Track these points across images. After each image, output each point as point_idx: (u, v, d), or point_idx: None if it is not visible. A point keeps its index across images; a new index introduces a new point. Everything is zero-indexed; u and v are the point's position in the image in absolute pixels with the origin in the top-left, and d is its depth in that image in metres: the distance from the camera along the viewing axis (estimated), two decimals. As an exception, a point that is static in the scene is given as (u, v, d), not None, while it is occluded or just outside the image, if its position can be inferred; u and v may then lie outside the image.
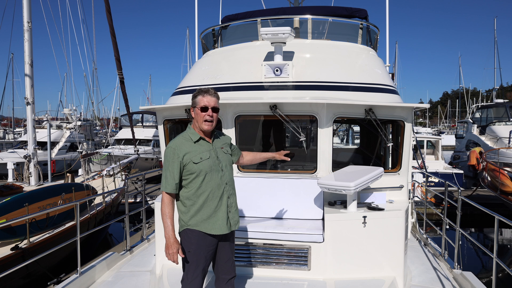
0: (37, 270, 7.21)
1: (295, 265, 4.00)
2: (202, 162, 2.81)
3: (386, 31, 6.62)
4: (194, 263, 2.86)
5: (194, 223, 2.85)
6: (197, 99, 2.86)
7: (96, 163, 17.70)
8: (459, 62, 53.44)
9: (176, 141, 2.87)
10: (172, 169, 2.80)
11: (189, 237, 2.87)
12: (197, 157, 2.81)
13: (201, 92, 2.87)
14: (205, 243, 2.87)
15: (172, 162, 2.80)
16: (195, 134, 2.90)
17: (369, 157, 5.62)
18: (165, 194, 2.85)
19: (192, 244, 2.86)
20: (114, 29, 10.52)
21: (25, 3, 10.88)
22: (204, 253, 2.88)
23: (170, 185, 2.82)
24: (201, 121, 2.84)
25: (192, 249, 2.86)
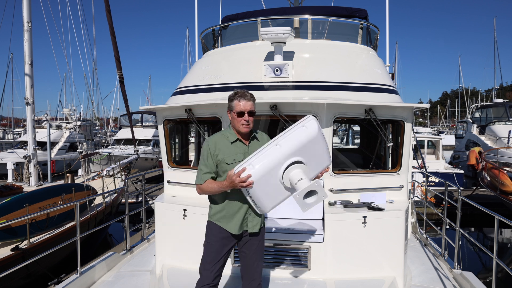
0: (38, 270, 7.21)
1: (295, 265, 4.00)
2: (235, 163, 2.81)
3: (386, 31, 6.63)
4: (210, 255, 2.94)
5: (217, 218, 2.96)
6: (234, 103, 2.90)
7: (96, 163, 17.69)
8: (459, 62, 53.51)
9: (215, 137, 2.95)
10: (207, 163, 2.88)
11: (211, 228, 3.00)
12: (231, 158, 2.86)
13: (237, 96, 2.90)
14: (224, 237, 2.95)
15: (207, 157, 2.88)
16: (233, 134, 2.95)
17: (369, 157, 5.63)
18: (198, 187, 2.92)
19: (212, 236, 2.97)
20: (114, 29, 10.52)
21: (25, 3, 10.87)
22: (221, 247, 2.95)
23: (203, 177, 2.88)
24: (239, 125, 2.89)
25: (211, 240, 2.97)
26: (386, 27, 6.64)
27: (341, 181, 4.53)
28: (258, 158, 2.67)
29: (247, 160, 2.69)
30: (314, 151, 2.77)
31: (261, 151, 2.70)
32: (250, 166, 2.65)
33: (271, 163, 2.65)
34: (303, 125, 2.74)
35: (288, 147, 2.67)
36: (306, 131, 2.72)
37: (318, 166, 2.87)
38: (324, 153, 2.87)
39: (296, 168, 2.69)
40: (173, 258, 4.41)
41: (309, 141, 2.71)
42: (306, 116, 2.82)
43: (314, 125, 2.75)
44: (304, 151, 2.71)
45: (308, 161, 2.74)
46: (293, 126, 2.77)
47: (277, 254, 4.03)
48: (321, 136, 2.78)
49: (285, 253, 4.02)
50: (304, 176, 2.66)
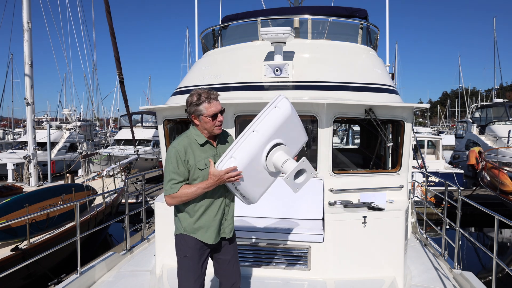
0: (38, 270, 7.21)
1: (295, 265, 4.00)
2: (207, 168, 2.66)
3: (386, 31, 6.63)
4: (191, 269, 2.77)
5: (189, 229, 2.75)
6: (203, 106, 2.63)
7: (96, 164, 17.69)
8: (459, 62, 53.51)
9: (183, 142, 2.68)
10: (179, 171, 2.63)
11: (186, 241, 2.77)
12: (202, 163, 2.67)
13: (203, 99, 2.64)
14: (200, 247, 2.78)
15: (177, 165, 2.63)
16: (201, 136, 2.73)
17: (369, 157, 5.63)
18: (169, 198, 2.67)
19: (188, 248, 2.76)
20: (113, 29, 10.52)
21: (25, 4, 10.87)
22: (200, 258, 2.79)
23: (177, 187, 2.63)
24: (212, 127, 2.68)
25: (188, 254, 2.76)
26: (386, 27, 6.65)
27: (341, 181, 4.53)
28: (238, 148, 2.58)
29: (227, 153, 2.60)
30: (291, 130, 2.75)
31: (239, 141, 2.60)
32: (232, 158, 2.56)
33: (253, 150, 2.58)
34: (275, 106, 2.66)
35: (265, 131, 2.60)
36: (280, 112, 2.65)
37: (297, 143, 2.85)
38: (301, 130, 2.84)
39: (277, 150, 2.65)
40: (173, 258, 4.38)
41: (285, 121, 2.66)
42: (277, 96, 2.73)
43: (287, 103, 2.69)
44: (281, 131, 2.67)
45: (287, 141, 2.71)
46: (265, 108, 2.67)
47: (277, 254, 4.03)
48: (295, 113, 2.74)
49: (285, 253, 4.01)
50: (288, 156, 2.63)
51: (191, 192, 2.62)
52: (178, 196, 2.63)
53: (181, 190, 2.63)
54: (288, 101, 2.70)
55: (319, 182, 4.36)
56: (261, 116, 2.64)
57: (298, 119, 2.80)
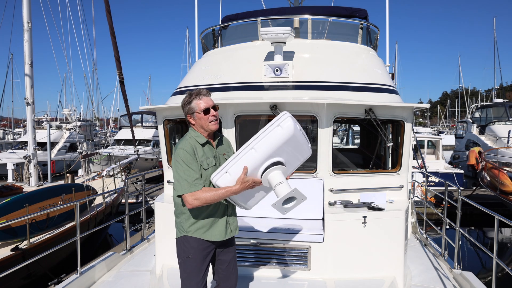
0: (38, 270, 7.21)
1: (295, 265, 4.00)
2: (209, 169, 2.71)
3: (386, 31, 6.63)
4: (194, 270, 2.75)
5: (194, 229, 2.74)
6: (193, 104, 2.71)
7: (96, 164, 17.69)
8: (459, 62, 53.59)
9: (189, 141, 2.71)
10: (194, 168, 2.62)
11: (188, 241, 2.75)
12: (205, 162, 2.71)
13: (193, 97, 2.73)
14: (204, 247, 2.77)
15: (190, 163, 2.63)
16: (201, 137, 2.76)
17: (369, 157, 5.63)
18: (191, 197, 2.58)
19: (192, 249, 2.74)
20: (114, 29, 10.53)
21: (25, 3, 10.87)
22: (203, 258, 2.77)
23: (196, 184, 2.60)
24: (207, 123, 2.72)
25: (191, 254, 2.74)
26: (386, 27, 6.65)
27: (341, 181, 4.53)
28: (234, 164, 2.59)
29: (224, 167, 2.61)
30: (292, 148, 2.68)
31: (236, 156, 2.60)
32: (227, 173, 2.57)
33: (248, 168, 2.58)
34: (278, 125, 2.59)
35: (263, 151, 2.57)
36: (281, 132, 2.57)
37: (298, 159, 2.83)
38: (303, 147, 2.77)
39: (274, 170, 2.61)
40: (173, 258, 4.37)
41: (286, 141, 2.59)
42: (282, 114, 2.65)
43: (290, 123, 2.58)
44: (282, 150, 2.62)
45: (287, 158, 2.68)
46: (268, 125, 2.62)
47: (277, 254, 4.03)
48: (298, 132, 2.65)
49: (285, 253, 4.01)
50: (282, 179, 2.59)
51: (221, 193, 2.59)
52: (204, 197, 2.58)
53: (207, 191, 2.60)
54: (292, 120, 2.60)
55: (319, 182, 4.36)
56: (262, 134, 2.60)
57: (302, 136, 2.71)
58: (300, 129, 2.70)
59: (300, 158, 2.83)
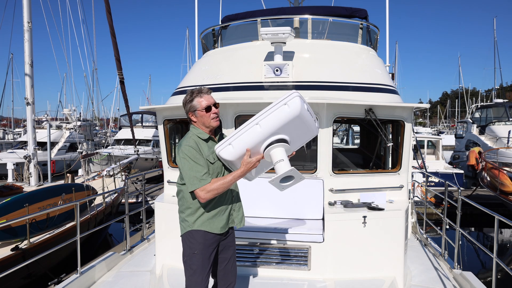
0: (38, 270, 7.21)
1: (295, 265, 4.00)
2: (216, 162, 2.76)
3: (386, 31, 6.63)
4: (200, 266, 2.76)
5: (199, 223, 2.77)
6: (195, 102, 2.76)
7: (96, 164, 17.69)
8: (459, 62, 53.55)
9: (193, 138, 2.76)
10: (200, 163, 2.67)
11: (194, 237, 2.77)
12: (211, 157, 2.75)
13: (195, 95, 2.78)
14: (210, 242, 2.80)
15: (197, 159, 2.67)
16: (203, 133, 2.81)
17: (369, 157, 5.63)
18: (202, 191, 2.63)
19: (199, 244, 2.76)
20: (114, 29, 10.52)
21: (25, 3, 10.86)
22: (209, 253, 2.80)
23: (205, 178, 2.64)
24: (209, 120, 2.77)
25: (198, 249, 2.76)
26: (386, 27, 6.65)
27: (341, 181, 4.53)
28: (238, 138, 2.61)
29: (227, 139, 2.64)
30: (298, 127, 2.66)
31: (241, 130, 2.62)
32: (230, 146, 2.62)
33: (251, 143, 2.60)
34: (285, 103, 2.56)
35: (268, 127, 2.57)
36: (288, 110, 2.55)
37: (303, 138, 2.81)
38: (309, 126, 2.73)
39: (277, 146, 2.61)
40: (173, 258, 4.41)
41: (291, 120, 2.57)
42: (290, 92, 2.61)
43: (297, 103, 2.55)
44: (287, 128, 2.61)
45: (291, 136, 2.67)
46: (275, 102, 2.59)
47: (277, 254, 4.03)
48: (305, 112, 2.61)
49: (285, 253, 4.02)
50: (283, 157, 2.59)
51: (228, 181, 2.67)
52: (214, 188, 2.64)
53: (215, 182, 2.66)
54: (300, 100, 2.57)
55: (319, 182, 4.37)
56: (268, 110, 2.59)
57: (309, 116, 2.68)
58: (308, 108, 2.67)
59: (305, 137, 2.82)
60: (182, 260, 2.85)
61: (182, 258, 2.85)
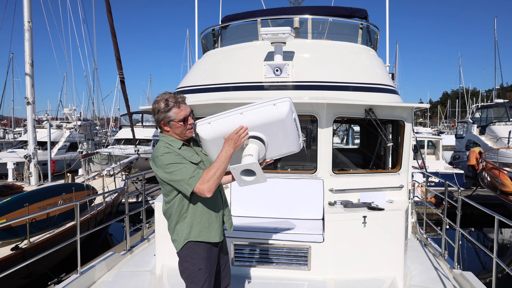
0: (38, 270, 7.21)
1: (295, 265, 4.00)
2: (199, 164, 2.62)
3: (386, 31, 6.63)
4: (207, 280, 2.62)
5: (196, 233, 2.61)
6: (172, 112, 2.54)
7: (96, 163, 17.69)
8: (459, 62, 53.54)
9: (164, 146, 2.58)
10: (185, 161, 2.51)
11: (196, 252, 2.60)
12: (193, 158, 2.61)
13: (172, 104, 2.55)
14: (212, 255, 2.68)
15: (179, 160, 2.50)
16: (176, 141, 2.62)
17: (369, 157, 5.63)
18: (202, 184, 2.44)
19: (202, 259, 2.61)
20: (114, 28, 10.53)
21: (26, 3, 10.86)
22: (213, 266, 2.67)
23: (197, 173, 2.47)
24: (185, 131, 2.61)
25: (203, 265, 2.61)
26: (386, 27, 6.64)
27: (341, 181, 4.53)
28: (219, 120, 2.59)
29: (207, 118, 2.61)
30: (279, 133, 2.59)
31: (223, 113, 2.59)
32: (209, 124, 2.58)
33: (228, 129, 2.54)
34: (274, 104, 2.52)
35: (249, 120, 2.52)
36: (273, 111, 2.50)
37: (281, 149, 2.71)
38: (291, 138, 2.64)
39: (251, 142, 2.57)
40: (173, 258, 4.37)
41: (274, 122, 2.52)
42: (283, 96, 2.57)
43: (285, 107, 2.50)
44: (267, 129, 2.55)
45: (270, 140, 2.61)
46: (265, 100, 2.58)
47: (277, 254, 4.03)
48: (290, 120, 2.55)
49: (285, 253, 4.02)
50: (253, 153, 2.51)
51: (220, 163, 2.46)
52: (211, 176, 2.44)
53: (210, 169, 2.47)
54: (289, 106, 2.53)
55: (319, 182, 4.37)
56: (256, 105, 2.57)
57: (293, 127, 2.61)
58: (295, 119, 2.61)
59: (283, 149, 2.71)
60: (182, 276, 2.68)
61: (181, 275, 2.69)
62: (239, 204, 4.42)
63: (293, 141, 2.68)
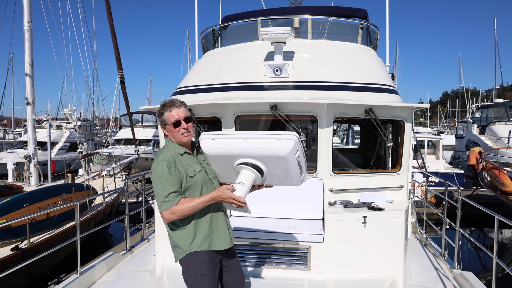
0: (38, 270, 7.21)
1: (295, 265, 4.00)
2: (196, 175, 2.63)
3: (386, 31, 6.63)
4: (211, 287, 2.63)
5: (198, 243, 2.62)
6: (165, 116, 2.65)
7: (96, 163, 17.69)
8: (459, 62, 53.59)
9: (167, 154, 2.61)
10: (172, 182, 2.53)
11: (198, 258, 2.62)
12: (191, 170, 2.63)
13: (166, 108, 2.65)
14: (215, 262, 2.69)
15: (170, 176, 2.53)
16: (178, 147, 2.68)
17: (369, 157, 5.63)
18: (168, 213, 2.51)
19: (204, 265, 2.62)
20: (114, 29, 10.53)
21: (26, 3, 10.86)
22: (215, 272, 2.68)
23: (174, 199, 2.51)
24: (179, 135, 2.65)
25: (205, 271, 2.61)
26: (386, 27, 6.65)
27: (341, 181, 4.53)
28: (222, 138, 2.63)
29: (214, 133, 2.66)
30: (279, 168, 2.56)
31: (229, 134, 2.68)
32: (212, 140, 2.61)
33: (229, 150, 2.57)
34: (279, 138, 2.47)
35: (250, 147, 2.51)
36: (276, 146, 2.46)
37: (282, 181, 2.67)
38: (292, 175, 2.59)
39: (248, 170, 2.54)
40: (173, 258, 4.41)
41: (274, 157, 2.49)
42: (291, 133, 2.52)
43: (289, 146, 2.44)
44: (268, 162, 2.53)
45: (270, 171, 2.58)
46: (273, 133, 2.55)
47: (277, 254, 4.03)
48: (292, 159, 2.49)
49: (285, 253, 4.01)
50: (246, 181, 2.51)
51: (194, 205, 2.52)
52: (179, 210, 2.51)
53: (182, 204, 2.52)
54: (293, 145, 2.46)
55: (319, 182, 4.37)
56: (261, 134, 2.55)
57: (296, 165, 2.54)
58: (298, 158, 2.53)
59: (283, 182, 2.68)
60: (186, 284, 2.69)
61: (185, 282, 2.69)
62: None
63: (294, 178, 2.63)
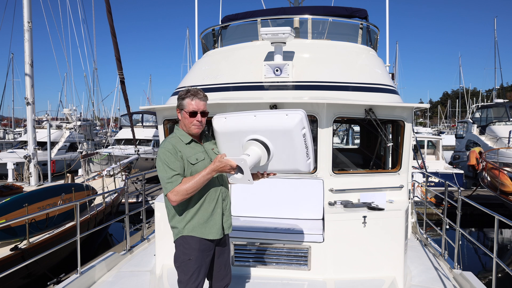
0: (37, 270, 7.21)
1: (295, 265, 4.00)
2: (198, 163, 2.68)
3: (386, 31, 6.63)
4: (196, 272, 2.70)
5: (190, 228, 2.70)
6: (185, 101, 2.69)
7: (96, 163, 17.69)
8: (459, 62, 53.59)
9: (171, 140, 2.70)
10: (175, 165, 2.60)
11: (188, 243, 2.70)
12: (193, 158, 2.68)
13: (189, 95, 2.69)
14: (206, 248, 2.74)
15: (172, 161, 2.60)
16: (186, 135, 2.75)
17: (369, 157, 5.63)
18: (173, 194, 2.57)
19: (193, 250, 2.69)
20: (114, 29, 10.53)
21: (26, 3, 10.86)
22: (204, 259, 2.74)
23: (176, 179, 2.58)
24: (190, 125, 2.71)
25: (193, 256, 2.70)
26: (386, 27, 6.65)
27: (341, 181, 4.53)
28: (234, 116, 2.68)
29: (225, 114, 2.70)
30: (286, 145, 2.57)
31: (239, 112, 2.70)
32: (224, 118, 2.67)
33: (240, 127, 2.63)
34: (287, 113, 2.54)
35: (260, 122, 2.57)
36: (283, 120, 2.52)
37: (287, 163, 2.65)
38: (298, 155, 2.59)
39: (254, 145, 2.58)
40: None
41: (280, 131, 2.53)
42: (299, 110, 2.58)
43: (295, 119, 2.50)
44: (275, 138, 2.56)
45: (275, 150, 2.60)
46: (281, 110, 2.64)
47: (277, 254, 4.03)
48: (298, 134, 2.52)
49: (285, 253, 4.01)
50: (251, 154, 2.53)
51: (196, 180, 2.56)
52: (183, 189, 2.55)
53: (184, 183, 2.57)
54: (300, 118, 2.51)
55: (319, 182, 4.36)
56: (270, 111, 2.67)
57: (302, 143, 2.55)
58: (305, 135, 2.55)
59: (288, 164, 2.66)
60: (174, 264, 2.78)
61: (174, 262, 2.78)
62: (239, 204, 4.41)
63: (300, 159, 2.61)
